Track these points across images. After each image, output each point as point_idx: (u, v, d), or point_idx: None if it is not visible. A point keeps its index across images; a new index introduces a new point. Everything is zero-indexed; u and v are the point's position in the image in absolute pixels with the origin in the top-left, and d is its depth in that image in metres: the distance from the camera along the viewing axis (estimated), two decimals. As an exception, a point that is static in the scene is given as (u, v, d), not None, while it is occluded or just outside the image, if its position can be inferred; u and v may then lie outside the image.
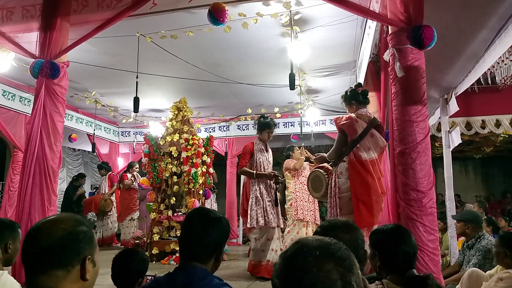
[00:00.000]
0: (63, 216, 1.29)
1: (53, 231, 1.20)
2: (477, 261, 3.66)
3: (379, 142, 3.85)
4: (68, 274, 1.19)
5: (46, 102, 3.59)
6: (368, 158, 3.77)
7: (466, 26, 3.68)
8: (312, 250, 0.88)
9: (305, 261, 0.86)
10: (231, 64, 6.13)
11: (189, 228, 1.73)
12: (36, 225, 1.25)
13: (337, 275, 0.84)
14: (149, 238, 6.44)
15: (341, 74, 6.64)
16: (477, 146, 10.76)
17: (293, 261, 0.88)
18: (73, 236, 1.22)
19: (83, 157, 13.54)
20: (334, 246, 0.91)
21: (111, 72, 6.29)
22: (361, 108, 3.99)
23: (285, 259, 0.90)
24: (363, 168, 3.75)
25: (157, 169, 6.58)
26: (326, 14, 4.59)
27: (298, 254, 0.88)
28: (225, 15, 3.56)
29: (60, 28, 3.73)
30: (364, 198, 3.72)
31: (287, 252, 0.91)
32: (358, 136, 3.80)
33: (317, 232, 1.70)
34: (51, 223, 1.23)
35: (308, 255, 0.87)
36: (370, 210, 3.70)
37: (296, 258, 0.88)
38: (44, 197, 3.46)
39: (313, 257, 0.86)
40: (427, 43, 2.72)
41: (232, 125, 9.33)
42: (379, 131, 3.90)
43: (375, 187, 3.73)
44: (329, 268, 0.84)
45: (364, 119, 3.89)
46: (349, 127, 3.86)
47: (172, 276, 1.65)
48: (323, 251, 0.88)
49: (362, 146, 3.79)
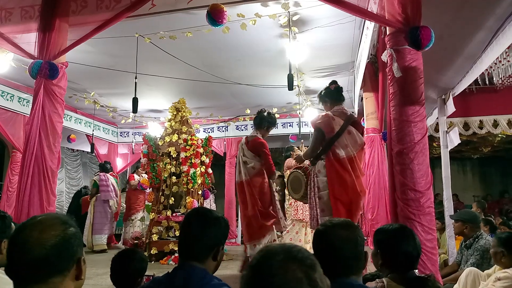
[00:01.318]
0: (48, 220, 1.22)
1: (45, 240, 1.15)
2: (475, 260, 3.67)
3: (356, 139, 3.82)
4: (65, 279, 1.18)
5: (45, 103, 3.59)
6: (346, 155, 3.73)
7: (463, 27, 3.70)
8: (275, 255, 0.95)
9: (271, 266, 0.92)
10: (229, 65, 6.14)
11: (187, 228, 1.74)
12: (22, 235, 1.18)
13: (302, 273, 0.91)
14: (148, 238, 6.44)
15: (339, 74, 6.65)
16: (475, 146, 10.79)
17: (260, 268, 0.94)
18: (66, 241, 1.19)
19: (82, 158, 13.52)
20: (295, 248, 0.98)
21: (110, 73, 6.30)
22: (336, 106, 3.97)
23: (252, 267, 0.96)
24: (340, 166, 3.71)
25: (156, 169, 6.59)
26: (324, 15, 4.60)
27: (263, 261, 0.95)
28: (223, 16, 3.57)
29: (59, 29, 3.73)
30: (342, 197, 3.69)
31: (253, 261, 0.97)
32: (335, 134, 3.77)
33: (317, 231, 1.71)
34: (39, 232, 1.17)
35: (273, 260, 0.93)
36: (348, 209, 3.67)
37: (262, 264, 0.94)
38: (43, 198, 3.46)
39: (278, 261, 0.93)
40: (425, 44, 2.73)
41: (231, 126, 9.34)
42: (357, 127, 3.89)
43: (353, 186, 3.69)
44: (294, 268, 0.91)
45: (340, 117, 3.86)
46: (326, 126, 3.82)
47: (171, 276, 1.66)
48: (286, 254, 0.95)
49: (340, 143, 3.76)
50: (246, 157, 4.76)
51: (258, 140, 4.82)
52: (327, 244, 1.62)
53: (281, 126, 9.04)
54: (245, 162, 4.75)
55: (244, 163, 4.74)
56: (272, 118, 5.06)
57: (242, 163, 4.76)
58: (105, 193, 8.00)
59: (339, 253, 1.57)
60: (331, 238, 1.62)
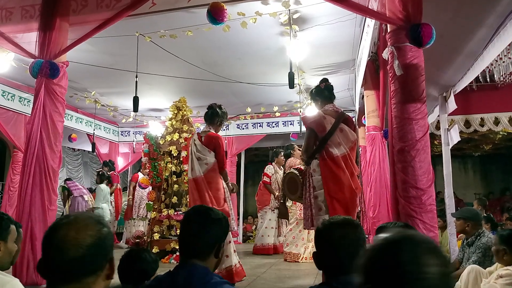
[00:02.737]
0: (83, 220, 1.24)
1: (82, 240, 1.18)
2: (477, 258, 3.67)
3: (349, 136, 3.81)
4: (97, 278, 1.21)
5: (46, 102, 3.60)
6: (340, 153, 3.72)
7: (464, 24, 3.69)
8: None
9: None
10: (230, 63, 6.14)
11: (188, 226, 1.75)
12: (57, 234, 1.20)
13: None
14: (149, 237, 6.45)
15: (340, 72, 6.64)
16: (476, 144, 10.78)
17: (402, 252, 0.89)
18: (101, 241, 1.21)
19: (83, 157, 13.53)
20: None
21: (111, 72, 6.30)
22: (327, 104, 3.96)
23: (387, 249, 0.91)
24: (334, 164, 3.71)
25: (157, 168, 6.59)
26: (325, 13, 4.60)
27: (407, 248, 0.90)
28: (224, 14, 3.57)
29: (60, 28, 3.73)
30: (338, 196, 3.68)
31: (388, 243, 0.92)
32: (327, 132, 3.76)
33: (318, 229, 1.71)
34: (75, 232, 1.19)
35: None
36: (345, 207, 3.66)
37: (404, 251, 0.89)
38: (44, 197, 3.47)
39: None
40: (426, 41, 2.73)
41: (232, 124, 9.34)
42: (349, 125, 3.87)
43: (348, 184, 3.68)
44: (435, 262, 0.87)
45: (331, 115, 3.85)
46: (318, 125, 3.82)
47: (173, 274, 1.66)
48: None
49: (333, 142, 3.76)
50: (200, 153, 4.55)
51: (214, 135, 4.61)
52: (327, 243, 1.63)
53: (282, 125, 9.04)
54: (198, 158, 4.54)
55: (198, 159, 4.54)
56: (224, 113, 4.85)
57: (196, 159, 4.55)
58: (77, 191, 8.27)
59: (340, 251, 1.57)
60: (332, 236, 1.62)
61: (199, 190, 4.47)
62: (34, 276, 3.30)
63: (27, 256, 3.31)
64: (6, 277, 1.95)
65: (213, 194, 4.44)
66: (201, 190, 4.45)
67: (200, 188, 4.46)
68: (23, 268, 3.29)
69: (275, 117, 8.96)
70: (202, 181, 4.46)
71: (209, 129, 4.67)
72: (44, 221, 3.43)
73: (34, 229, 3.38)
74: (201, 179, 4.46)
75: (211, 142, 4.52)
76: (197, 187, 4.48)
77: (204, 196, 4.42)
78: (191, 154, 4.61)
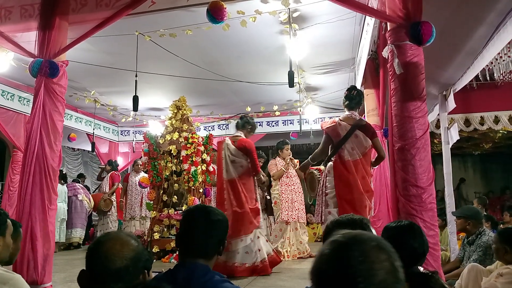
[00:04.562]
0: (124, 237, 1.41)
1: (126, 253, 1.34)
2: (477, 257, 3.67)
3: (363, 142, 4.11)
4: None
5: (46, 101, 3.58)
6: (352, 159, 4.06)
7: (464, 22, 3.69)
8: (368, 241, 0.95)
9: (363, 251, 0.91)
10: (230, 62, 6.13)
11: (194, 226, 1.74)
12: (103, 247, 1.35)
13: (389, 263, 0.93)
14: (149, 237, 6.45)
15: (340, 71, 6.64)
16: (476, 143, 10.76)
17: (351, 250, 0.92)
18: (139, 255, 1.38)
19: (83, 157, 13.54)
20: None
21: (110, 71, 6.29)
22: (350, 111, 4.26)
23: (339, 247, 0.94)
24: (345, 168, 4.05)
25: (157, 167, 6.59)
26: (324, 12, 4.59)
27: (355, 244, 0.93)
28: (223, 13, 3.56)
29: (59, 27, 3.72)
30: (347, 197, 4.02)
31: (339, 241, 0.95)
32: (342, 138, 4.09)
33: (327, 227, 1.78)
34: (120, 245, 1.36)
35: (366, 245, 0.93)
36: (353, 207, 3.92)
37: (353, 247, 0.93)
38: (44, 196, 3.46)
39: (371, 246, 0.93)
40: (426, 39, 2.72)
41: (232, 124, 9.32)
42: (364, 131, 4.15)
43: (357, 186, 3.99)
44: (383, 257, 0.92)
45: (348, 121, 4.17)
46: (333, 131, 4.17)
47: (173, 272, 1.66)
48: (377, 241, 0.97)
49: (346, 147, 4.09)
50: (235, 156, 5.02)
51: (245, 140, 5.10)
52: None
53: (282, 124, 9.04)
54: (233, 161, 5.01)
55: (232, 162, 5.01)
56: (255, 124, 5.41)
57: (230, 162, 5.01)
58: (72, 191, 8.24)
59: None
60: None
61: (235, 191, 4.94)
62: (34, 275, 3.29)
63: (27, 255, 3.30)
64: (8, 274, 1.96)
65: (248, 194, 4.95)
66: (237, 191, 4.93)
67: (236, 189, 4.94)
68: (23, 267, 3.27)
69: (275, 116, 8.96)
70: (237, 182, 4.95)
71: (240, 134, 5.18)
72: (44, 220, 3.42)
73: (34, 228, 3.36)
74: (236, 180, 4.95)
75: (243, 147, 5.01)
76: (232, 188, 4.95)
77: (240, 196, 4.91)
78: (225, 157, 5.05)
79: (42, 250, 3.36)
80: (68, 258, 6.74)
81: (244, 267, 4.77)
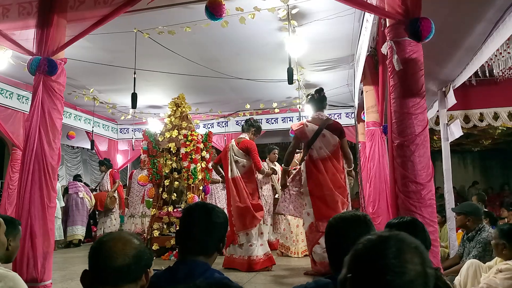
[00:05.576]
0: (126, 236, 1.44)
1: (128, 251, 1.37)
2: (477, 253, 3.68)
3: (330, 140, 4.52)
4: (136, 286, 1.38)
5: (44, 99, 3.57)
6: (319, 156, 4.45)
7: (463, 19, 3.68)
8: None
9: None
10: (229, 59, 6.12)
11: (194, 223, 1.74)
12: (106, 246, 1.37)
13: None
14: (149, 234, 6.45)
15: (339, 68, 6.63)
16: (475, 139, 10.78)
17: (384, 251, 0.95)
18: (141, 253, 1.40)
19: (82, 155, 13.53)
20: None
21: (109, 69, 6.28)
22: (317, 112, 4.71)
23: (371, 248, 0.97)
24: (314, 167, 4.44)
25: (157, 165, 6.58)
26: (323, 8, 4.58)
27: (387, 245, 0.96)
28: (222, 10, 3.55)
29: (57, 25, 3.70)
30: (318, 194, 4.39)
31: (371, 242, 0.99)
32: (310, 139, 4.48)
33: (330, 223, 1.77)
34: (123, 244, 1.38)
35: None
36: (325, 203, 4.31)
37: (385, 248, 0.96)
38: (43, 194, 3.45)
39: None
40: (425, 35, 2.71)
41: (231, 121, 9.33)
42: (331, 130, 4.52)
43: (326, 183, 4.35)
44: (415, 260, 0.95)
45: (315, 122, 4.56)
46: (300, 133, 4.59)
47: (173, 270, 1.66)
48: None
49: (314, 146, 4.49)
50: (237, 157, 5.40)
51: (247, 141, 5.46)
52: (333, 237, 1.72)
53: (281, 121, 9.04)
54: (236, 161, 5.39)
55: (236, 162, 5.38)
56: (259, 126, 5.78)
57: (234, 162, 5.39)
58: (72, 188, 8.25)
59: (344, 244, 1.59)
60: (339, 230, 1.70)
61: (237, 188, 5.29)
62: (34, 273, 3.29)
63: (27, 253, 3.29)
64: (5, 271, 1.96)
65: (249, 191, 5.29)
66: (239, 188, 5.27)
67: (238, 186, 5.29)
68: (23, 265, 3.27)
69: (274, 113, 8.96)
70: (240, 180, 5.31)
71: (244, 136, 5.56)
72: (43, 218, 3.42)
73: (33, 226, 3.36)
74: (239, 178, 5.32)
75: (245, 147, 5.38)
76: (235, 186, 5.31)
77: (242, 193, 5.24)
78: (230, 158, 5.42)
79: (41, 247, 3.35)
80: (68, 256, 6.75)
81: (258, 260, 5.07)
